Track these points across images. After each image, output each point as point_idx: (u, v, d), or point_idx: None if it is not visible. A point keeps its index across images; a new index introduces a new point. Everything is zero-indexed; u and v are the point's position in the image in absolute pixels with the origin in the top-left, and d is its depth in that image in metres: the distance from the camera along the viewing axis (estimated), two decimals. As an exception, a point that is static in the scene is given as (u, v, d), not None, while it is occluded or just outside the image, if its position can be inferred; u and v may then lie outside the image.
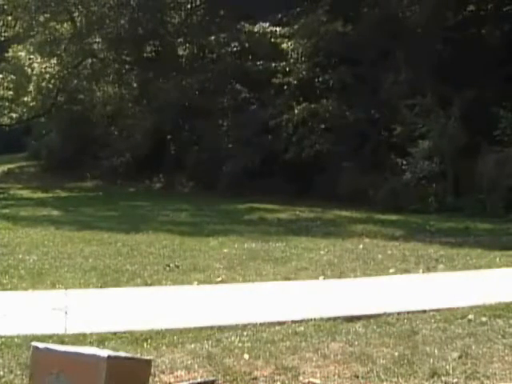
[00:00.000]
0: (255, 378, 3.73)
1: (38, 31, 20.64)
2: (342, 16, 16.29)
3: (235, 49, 19.01)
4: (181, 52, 20.67)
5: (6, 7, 21.36)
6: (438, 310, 5.18)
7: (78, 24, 20.82)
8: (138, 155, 19.50)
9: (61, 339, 4.27)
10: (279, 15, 17.89)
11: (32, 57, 21.82)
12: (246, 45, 18.71)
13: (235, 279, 6.54)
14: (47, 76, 21.79)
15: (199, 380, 3.67)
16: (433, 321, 4.91)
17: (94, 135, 21.31)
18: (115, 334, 4.50)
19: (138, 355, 3.82)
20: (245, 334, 4.53)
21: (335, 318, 4.93)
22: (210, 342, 4.34)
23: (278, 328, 4.67)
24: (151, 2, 19.28)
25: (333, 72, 16.36)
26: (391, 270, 7.05)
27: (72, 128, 22.07)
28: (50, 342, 3.92)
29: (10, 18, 21.88)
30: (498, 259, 7.70)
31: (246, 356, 4.07)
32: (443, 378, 3.71)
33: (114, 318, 4.97)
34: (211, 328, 4.64)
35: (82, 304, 5.39)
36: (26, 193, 18.38)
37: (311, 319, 4.86)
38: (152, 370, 3.50)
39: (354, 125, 15.57)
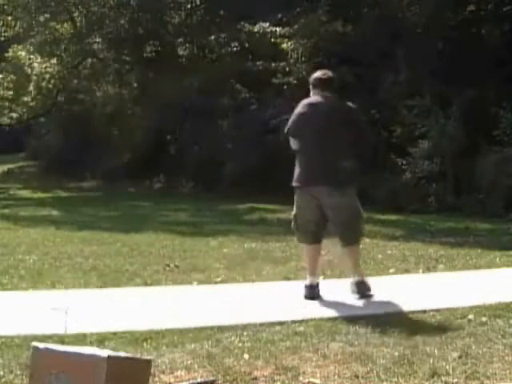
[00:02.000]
0: (255, 378, 3.72)
1: (38, 31, 20.66)
2: (342, 16, 16.29)
3: (235, 49, 19.02)
4: (181, 52, 20.69)
5: (5, 7, 21.39)
6: (437, 310, 5.18)
7: (78, 24, 20.85)
8: (138, 155, 19.52)
9: (61, 339, 4.27)
10: (279, 15, 17.88)
11: (32, 57, 21.84)
12: (246, 45, 18.72)
13: (235, 279, 6.54)
14: (47, 76, 21.82)
15: (199, 380, 3.67)
16: (433, 321, 4.91)
17: (94, 135, 21.32)
18: (115, 333, 4.50)
19: (138, 355, 3.82)
20: (245, 334, 4.53)
21: (335, 318, 4.93)
22: (209, 342, 4.35)
23: (278, 328, 4.67)
24: (151, 2, 19.29)
25: (333, 72, 16.33)
26: (391, 270, 7.05)
27: (72, 128, 22.10)
28: (50, 342, 3.92)
29: (9, 18, 21.92)
30: (497, 259, 7.70)
31: (246, 356, 4.07)
32: (443, 378, 3.71)
33: (114, 317, 4.97)
34: (211, 328, 4.64)
35: (82, 304, 5.39)
36: (25, 193, 18.40)
37: (311, 319, 4.86)
38: (152, 370, 3.50)
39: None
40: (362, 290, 5.62)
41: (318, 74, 5.98)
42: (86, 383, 3.03)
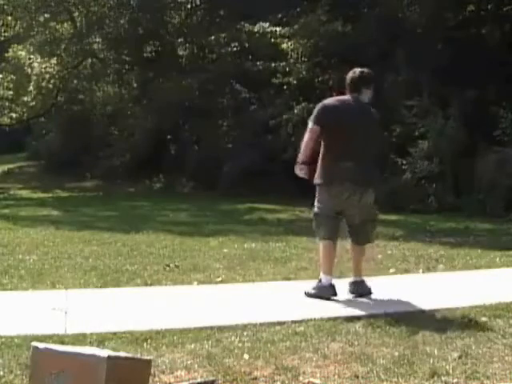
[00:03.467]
0: (255, 378, 3.72)
1: (38, 31, 20.64)
2: (342, 16, 16.29)
3: (235, 49, 19.01)
4: (181, 52, 20.67)
5: (5, 7, 21.38)
6: (437, 310, 5.18)
7: (78, 24, 20.85)
8: (138, 155, 19.50)
9: (61, 339, 4.27)
10: (279, 15, 17.89)
11: (32, 57, 21.82)
12: (246, 45, 18.72)
13: (235, 279, 6.54)
14: (47, 76, 21.81)
15: (199, 380, 3.67)
16: (433, 321, 4.91)
17: (93, 135, 21.31)
18: (115, 333, 4.50)
19: (138, 355, 3.82)
20: (245, 334, 4.53)
21: (335, 318, 4.93)
22: (209, 342, 4.35)
23: (278, 328, 4.67)
24: (151, 2, 19.29)
25: (333, 72, 16.35)
26: (391, 270, 7.06)
27: (72, 128, 22.07)
28: (50, 342, 3.92)
29: (9, 17, 21.90)
30: (497, 259, 7.70)
31: (246, 356, 4.07)
32: (443, 378, 3.71)
33: (114, 318, 4.96)
34: (211, 328, 4.64)
35: (82, 304, 5.39)
36: (25, 193, 18.39)
37: (311, 319, 4.86)
38: (152, 370, 3.50)
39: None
40: (361, 289, 5.71)
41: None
42: (85, 383, 3.03)
